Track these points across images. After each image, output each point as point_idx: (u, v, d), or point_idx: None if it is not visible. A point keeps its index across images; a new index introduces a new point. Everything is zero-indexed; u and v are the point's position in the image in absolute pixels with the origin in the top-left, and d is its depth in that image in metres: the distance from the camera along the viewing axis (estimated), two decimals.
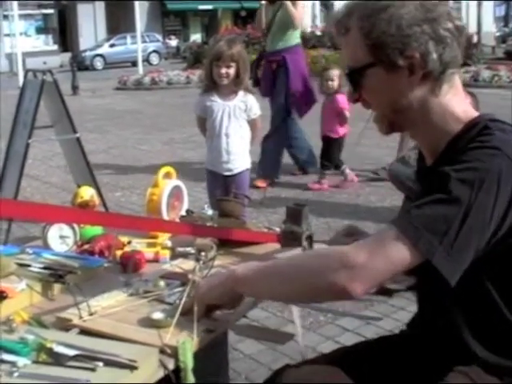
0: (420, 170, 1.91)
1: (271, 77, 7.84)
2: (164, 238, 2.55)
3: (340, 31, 1.79)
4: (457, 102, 1.75)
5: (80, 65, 33.14)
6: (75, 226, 2.53)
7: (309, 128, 8.22)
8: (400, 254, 1.60)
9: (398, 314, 4.09)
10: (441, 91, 1.73)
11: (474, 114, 1.77)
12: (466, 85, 1.78)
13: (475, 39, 31.53)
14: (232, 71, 4.75)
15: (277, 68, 7.78)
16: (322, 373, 1.84)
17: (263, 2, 7.80)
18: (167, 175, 2.81)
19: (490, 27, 43.04)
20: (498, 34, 41.28)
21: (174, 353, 1.74)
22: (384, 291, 4.46)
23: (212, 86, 4.86)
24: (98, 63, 38.72)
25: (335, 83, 7.54)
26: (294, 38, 7.81)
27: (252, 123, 4.94)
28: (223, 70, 4.74)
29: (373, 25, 1.69)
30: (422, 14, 1.67)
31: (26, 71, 6.96)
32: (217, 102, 4.87)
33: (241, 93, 4.84)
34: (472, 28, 35.71)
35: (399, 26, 1.66)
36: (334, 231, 5.91)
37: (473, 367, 1.75)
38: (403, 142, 7.55)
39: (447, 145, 1.73)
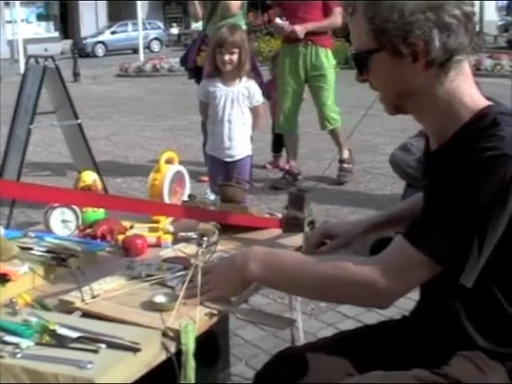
0: (425, 154, 1.91)
1: None
2: (166, 223, 2.55)
3: (347, 11, 1.76)
4: (464, 89, 1.73)
5: (81, 52, 33.08)
6: (77, 210, 2.54)
7: None
8: (427, 275, 1.69)
9: (398, 301, 4.08)
10: (447, 78, 1.71)
11: (483, 102, 1.74)
12: None
13: (477, 28, 31.41)
14: (235, 57, 4.78)
15: None
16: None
17: None
18: (169, 160, 2.81)
19: (492, 16, 42.88)
20: (500, 23, 41.10)
21: (176, 336, 1.75)
22: None
23: (216, 72, 4.88)
24: (100, 50, 38.64)
25: None
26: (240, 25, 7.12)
27: (254, 110, 4.97)
28: (226, 57, 4.77)
29: (376, 11, 1.67)
30: (427, 1, 1.64)
31: (28, 57, 6.95)
32: (220, 88, 4.90)
33: (244, 79, 4.86)
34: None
35: (402, 13, 1.64)
36: (334, 218, 5.94)
37: (476, 352, 1.76)
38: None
39: (455, 133, 1.72)
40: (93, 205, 2.43)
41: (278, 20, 6.84)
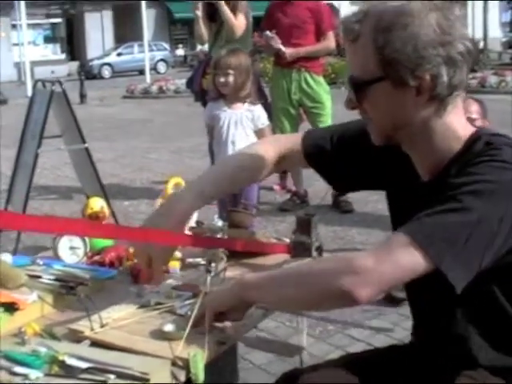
0: (412, 185, 1.87)
1: None
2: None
3: (348, 37, 1.74)
4: (458, 121, 1.75)
5: (88, 73, 33.26)
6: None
7: None
8: (409, 259, 1.60)
9: (407, 323, 4.05)
10: (445, 112, 1.72)
11: (472, 129, 1.77)
12: (472, 91, 1.77)
13: (481, 45, 31.53)
14: (231, 79, 4.77)
15: None
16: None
17: (198, 14, 6.92)
18: (177, 186, 2.81)
19: (497, 33, 42.98)
20: (504, 39, 41.26)
21: (186, 365, 1.74)
22: (392, 299, 4.47)
23: (220, 95, 4.89)
24: (106, 72, 38.91)
25: None
26: (247, 48, 6.69)
27: (260, 133, 4.92)
28: (221, 79, 4.79)
29: (388, 41, 1.66)
30: (439, 36, 1.64)
31: (35, 81, 6.98)
32: (224, 111, 4.91)
33: (247, 103, 4.86)
34: (478, 34, 35.61)
35: (415, 46, 1.64)
36: (341, 240, 5.94)
37: (479, 370, 1.76)
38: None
39: (448, 163, 1.73)
40: (101, 236, 2.43)
41: (267, 32, 6.84)
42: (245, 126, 4.87)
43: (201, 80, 7.01)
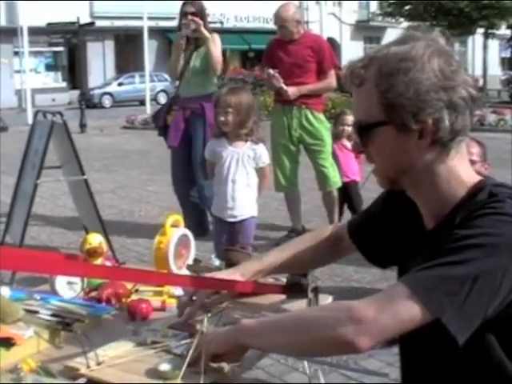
0: (415, 232, 1.88)
1: (183, 125, 7.14)
2: (170, 287, 2.56)
3: (353, 81, 1.78)
4: (462, 167, 1.77)
5: (88, 102, 33.31)
6: None
7: None
8: (409, 312, 1.62)
9: None
10: (448, 157, 1.74)
11: (476, 177, 1.79)
12: (471, 129, 1.78)
13: (481, 83, 31.74)
14: (230, 118, 4.78)
15: (190, 115, 7.11)
16: None
17: (183, 43, 6.97)
18: (175, 224, 2.83)
19: (496, 70, 43.25)
20: (503, 77, 41.44)
21: None
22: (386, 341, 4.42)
23: (222, 132, 4.92)
24: (106, 101, 38.99)
25: (350, 128, 7.53)
26: (212, 85, 7.19)
27: (260, 172, 4.97)
28: (222, 117, 4.80)
29: (391, 85, 1.69)
30: (441, 81, 1.67)
31: (36, 112, 6.98)
32: (226, 148, 4.92)
33: (250, 142, 4.89)
34: (478, 71, 35.78)
35: (417, 90, 1.67)
36: (338, 277, 5.93)
37: None
38: None
39: (452, 209, 1.74)
40: (98, 276, 2.44)
41: (270, 71, 6.90)
42: (246, 165, 4.88)
43: (165, 116, 7.18)
